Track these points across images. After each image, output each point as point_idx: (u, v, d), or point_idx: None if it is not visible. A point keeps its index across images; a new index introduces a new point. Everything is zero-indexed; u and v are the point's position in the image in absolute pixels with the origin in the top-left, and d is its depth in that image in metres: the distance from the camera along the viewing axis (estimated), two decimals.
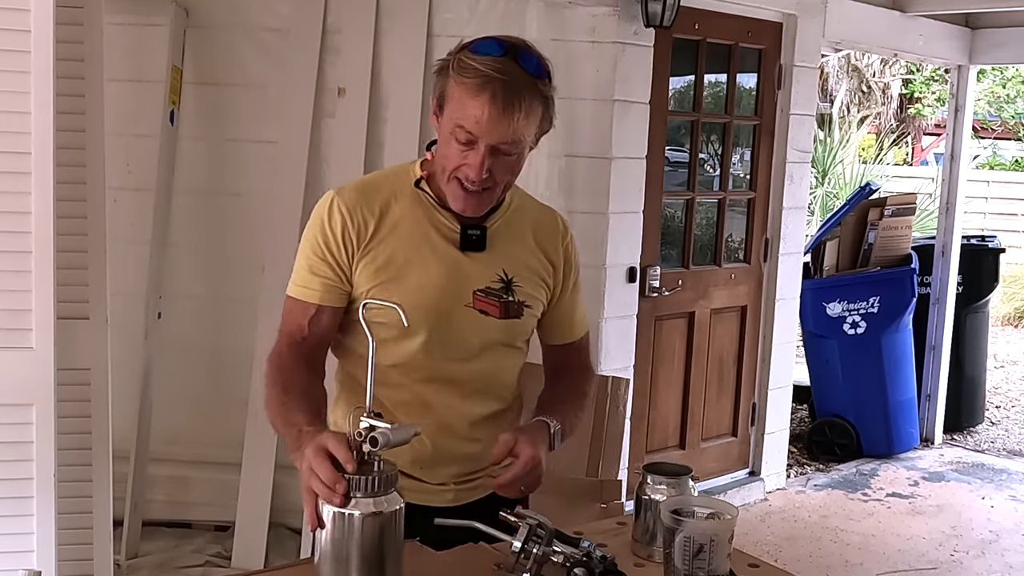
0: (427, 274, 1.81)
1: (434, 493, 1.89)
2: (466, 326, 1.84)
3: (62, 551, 2.88)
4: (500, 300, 1.86)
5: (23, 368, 2.78)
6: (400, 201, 1.84)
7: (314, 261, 1.82)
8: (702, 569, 1.51)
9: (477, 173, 1.74)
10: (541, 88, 1.76)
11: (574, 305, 2.02)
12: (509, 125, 1.71)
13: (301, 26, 4.10)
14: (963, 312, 6.27)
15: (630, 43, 4.12)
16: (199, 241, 4.23)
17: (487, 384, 1.92)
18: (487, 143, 1.72)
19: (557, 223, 1.99)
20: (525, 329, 1.93)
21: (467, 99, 1.70)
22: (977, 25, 6.00)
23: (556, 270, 1.95)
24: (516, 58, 1.73)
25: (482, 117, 1.69)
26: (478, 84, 1.69)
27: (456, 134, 1.73)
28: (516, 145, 1.75)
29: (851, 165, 12.37)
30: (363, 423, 1.51)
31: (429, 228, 1.84)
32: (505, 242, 1.88)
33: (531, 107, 1.73)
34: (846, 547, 4.56)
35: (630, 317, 4.36)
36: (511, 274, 1.87)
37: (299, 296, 1.84)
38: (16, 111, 2.72)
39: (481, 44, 1.73)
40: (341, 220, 1.81)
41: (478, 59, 1.70)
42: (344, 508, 1.48)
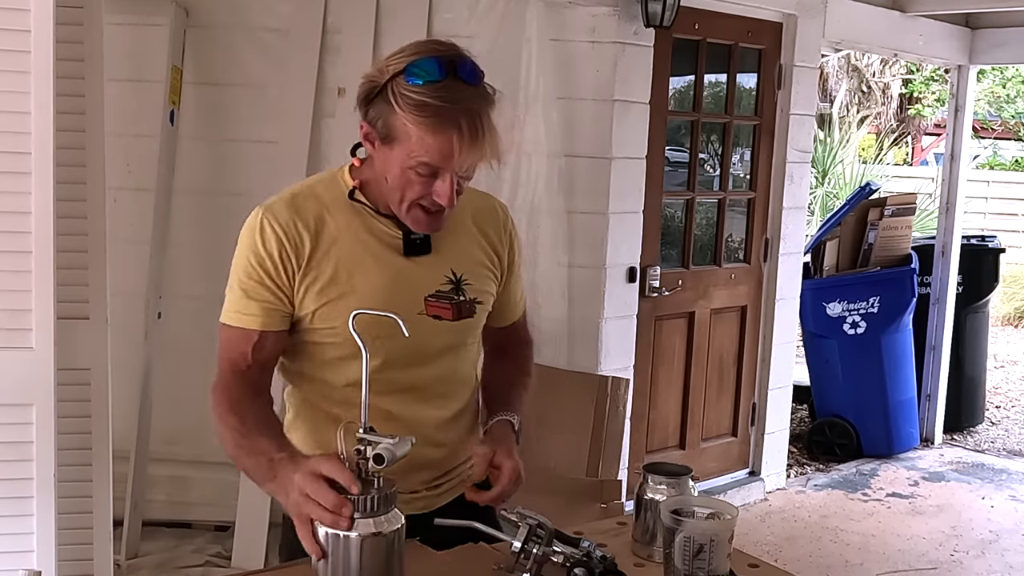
0: (373, 287, 1.74)
1: (405, 503, 1.77)
2: (421, 334, 1.76)
3: (62, 551, 2.88)
4: (452, 302, 1.81)
5: (23, 368, 2.78)
6: (334, 214, 1.76)
7: (250, 285, 1.75)
8: (702, 569, 1.51)
9: (450, 201, 1.67)
10: (487, 96, 1.66)
11: (516, 288, 1.99)
12: (480, 151, 1.63)
13: (301, 26, 4.10)
14: (963, 312, 6.27)
15: (630, 43, 4.12)
16: (199, 241, 4.23)
17: (447, 386, 1.88)
18: (454, 171, 1.65)
19: (496, 209, 1.93)
20: (478, 325, 1.89)
21: (427, 136, 1.61)
22: (977, 25, 6.00)
23: (501, 258, 1.91)
24: (457, 75, 1.62)
25: (451, 152, 1.62)
26: (438, 122, 1.60)
27: (418, 169, 1.65)
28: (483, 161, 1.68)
29: (851, 165, 12.37)
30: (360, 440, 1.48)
31: (369, 238, 1.76)
32: (449, 239, 1.81)
33: (490, 122, 1.64)
34: (846, 547, 4.56)
35: (630, 317, 4.36)
36: (459, 272, 1.82)
37: (238, 323, 1.76)
38: (16, 111, 2.72)
39: (416, 69, 1.62)
40: (276, 239, 1.72)
41: (423, 91, 1.60)
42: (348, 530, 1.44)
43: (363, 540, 1.44)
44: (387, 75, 1.64)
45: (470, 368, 1.94)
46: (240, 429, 1.70)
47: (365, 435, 1.48)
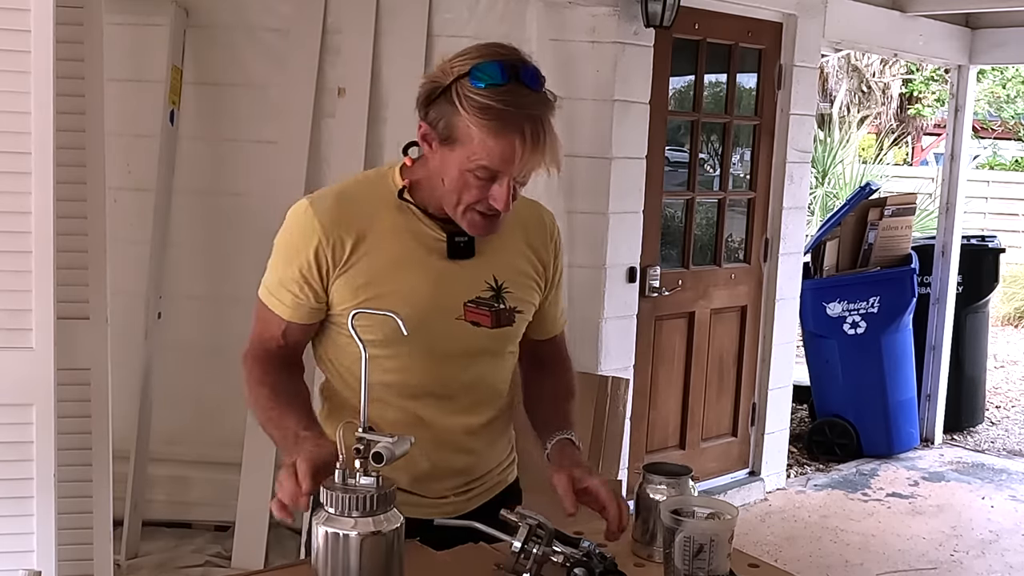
0: (413, 289, 1.73)
1: (433, 507, 1.83)
2: (456, 339, 1.77)
3: (62, 551, 2.88)
4: (491, 309, 1.79)
5: (23, 368, 2.78)
6: (380, 212, 1.76)
7: (285, 275, 1.76)
8: (702, 569, 1.50)
9: (506, 205, 1.67)
10: (549, 101, 1.67)
11: (557, 300, 1.96)
12: (542, 156, 1.64)
13: (301, 26, 4.10)
14: (963, 312, 6.27)
15: (630, 43, 4.12)
16: (199, 241, 4.23)
17: (480, 394, 1.86)
18: (513, 175, 1.66)
19: (544, 218, 1.92)
20: (517, 334, 1.87)
21: (490, 140, 1.62)
22: (977, 25, 6.00)
23: (546, 267, 1.89)
24: (520, 80, 1.63)
25: (513, 157, 1.62)
26: (501, 125, 1.61)
27: (477, 172, 1.65)
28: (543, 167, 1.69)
29: (851, 165, 12.37)
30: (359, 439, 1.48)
31: (413, 239, 1.75)
32: (491, 245, 1.79)
33: (551, 128, 1.66)
34: (846, 547, 4.56)
35: (630, 317, 4.36)
36: (501, 279, 1.80)
37: (270, 306, 1.79)
38: (16, 111, 2.72)
39: (480, 72, 1.62)
40: (316, 238, 1.72)
41: (487, 94, 1.61)
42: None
43: (362, 539, 1.44)
44: (451, 76, 1.64)
45: (505, 376, 1.91)
46: (271, 400, 1.73)
47: (364, 434, 1.48)
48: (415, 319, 1.68)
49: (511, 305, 1.82)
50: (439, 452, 1.82)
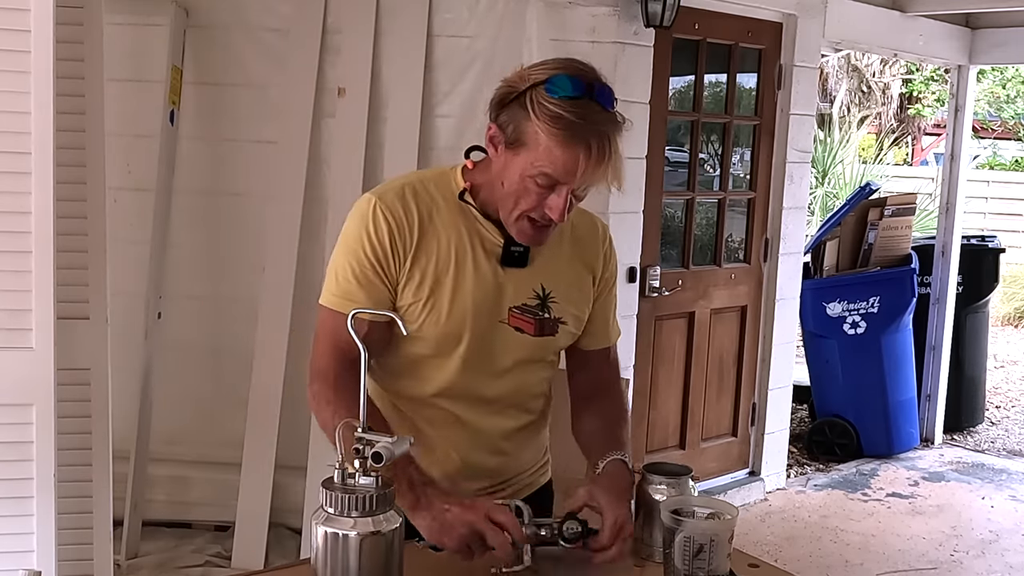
0: (466, 290, 1.76)
1: None
2: (500, 343, 1.80)
3: (62, 551, 2.88)
4: (535, 317, 1.81)
5: (23, 368, 2.78)
6: (441, 211, 1.78)
7: (360, 272, 1.74)
8: (702, 569, 1.51)
9: (561, 216, 1.69)
10: (618, 122, 1.68)
11: (609, 308, 1.97)
12: (604, 172, 1.66)
13: (301, 26, 4.10)
14: (963, 312, 6.27)
15: (630, 43, 4.12)
16: (199, 241, 4.23)
17: (517, 399, 1.89)
18: (572, 187, 1.67)
19: (597, 227, 1.94)
20: (559, 345, 1.89)
21: (556, 148, 1.63)
22: (977, 25, 6.00)
23: (596, 277, 1.91)
24: (594, 97, 1.65)
25: (575, 168, 1.64)
26: (570, 136, 1.63)
27: (538, 179, 1.66)
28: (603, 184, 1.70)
29: (851, 165, 12.37)
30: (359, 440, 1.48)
31: (471, 242, 1.78)
32: (544, 254, 1.82)
33: (617, 147, 1.67)
34: (846, 547, 4.56)
35: (630, 317, 4.35)
36: (548, 289, 1.83)
37: (346, 310, 1.67)
38: (16, 111, 2.72)
39: (557, 82, 1.64)
40: (388, 227, 1.73)
41: (561, 104, 1.63)
42: None
43: (362, 539, 1.44)
44: (527, 83, 1.67)
45: (544, 384, 1.93)
46: (332, 417, 1.68)
47: (363, 434, 1.48)
48: (465, 321, 1.74)
49: (556, 315, 1.84)
50: (472, 452, 1.85)
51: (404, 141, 3.97)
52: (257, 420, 3.93)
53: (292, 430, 3.90)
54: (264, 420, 3.93)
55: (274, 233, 4.04)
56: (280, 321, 3.97)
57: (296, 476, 3.93)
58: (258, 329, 4.01)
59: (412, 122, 3.97)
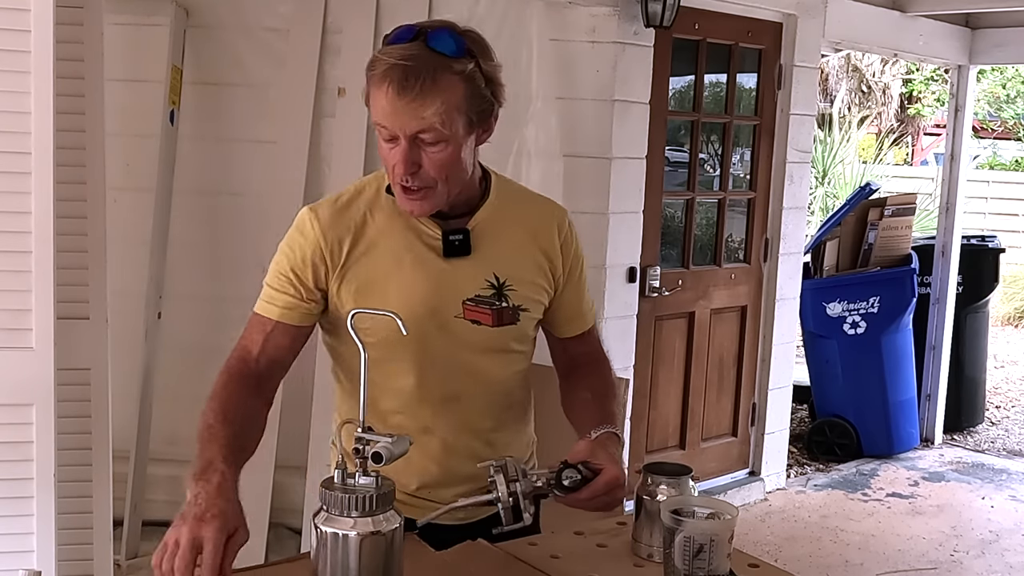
0: (410, 288, 1.73)
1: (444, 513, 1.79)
2: (458, 339, 1.75)
3: (62, 551, 2.88)
4: (492, 307, 1.76)
5: (23, 368, 2.78)
6: (376, 214, 1.75)
7: (280, 280, 1.76)
8: (702, 569, 1.50)
9: (403, 167, 1.64)
10: (455, 66, 1.62)
11: (581, 295, 1.92)
12: (413, 111, 1.60)
13: (301, 26, 4.10)
14: (963, 312, 6.27)
15: (630, 43, 4.12)
16: (199, 241, 4.23)
17: (489, 396, 1.83)
18: (405, 134, 1.62)
19: (552, 212, 1.88)
20: (524, 333, 1.83)
21: (374, 92, 1.62)
22: (977, 25, 6.00)
23: (555, 263, 1.84)
24: (425, 40, 1.62)
25: (387, 107, 1.61)
26: (380, 75, 1.60)
27: (381, 133, 1.66)
28: (436, 133, 1.62)
29: (851, 165, 12.37)
30: (359, 439, 1.47)
31: (409, 239, 1.74)
32: (493, 242, 1.78)
33: (437, 88, 1.59)
34: (846, 547, 4.56)
35: (630, 317, 4.36)
36: (503, 277, 1.77)
37: (259, 311, 1.78)
38: (16, 111, 2.72)
39: (395, 34, 1.65)
40: (314, 240, 1.73)
41: (386, 50, 1.62)
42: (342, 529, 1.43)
43: (362, 539, 1.43)
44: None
45: (515, 377, 1.87)
46: (213, 418, 1.65)
47: (363, 434, 1.48)
48: (413, 319, 1.66)
49: (515, 303, 1.79)
50: (448, 458, 1.80)
51: None
52: None
53: (292, 430, 3.89)
54: None
55: (274, 233, 3.99)
56: None
57: (296, 476, 3.93)
58: None
59: None
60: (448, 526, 1.79)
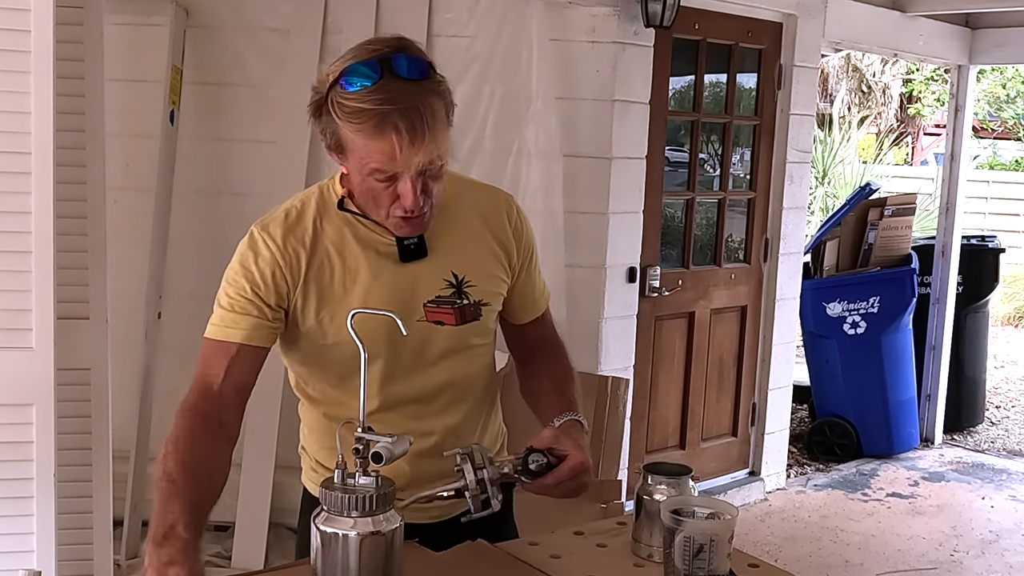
0: (370, 297, 1.70)
1: (419, 511, 1.75)
2: (421, 342, 1.74)
3: (62, 551, 2.88)
4: (454, 306, 1.75)
5: (23, 368, 2.79)
6: (327, 226, 1.72)
7: (237, 300, 1.70)
8: (702, 569, 1.50)
9: (413, 203, 1.61)
10: (431, 88, 1.59)
11: (534, 280, 1.90)
12: (423, 147, 1.57)
13: (301, 26, 4.10)
14: (963, 312, 6.27)
15: (630, 43, 4.12)
16: (199, 241, 4.22)
17: (455, 393, 1.82)
18: (412, 172, 1.59)
19: (500, 201, 1.85)
20: (485, 327, 1.81)
21: (369, 143, 1.57)
22: (977, 25, 6.00)
23: (510, 251, 1.82)
24: (393, 71, 1.56)
25: (395, 154, 1.56)
26: (374, 126, 1.55)
27: (374, 176, 1.60)
28: (439, 160, 1.62)
29: (851, 165, 12.37)
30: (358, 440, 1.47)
31: (363, 248, 1.72)
32: (448, 240, 1.75)
33: (436, 120, 1.58)
34: (846, 547, 4.56)
35: (630, 317, 4.36)
36: (461, 273, 1.75)
37: (220, 336, 1.70)
38: (16, 111, 2.72)
39: (351, 75, 1.56)
40: (271, 257, 1.69)
41: (357, 96, 1.55)
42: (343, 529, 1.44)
43: (361, 539, 1.43)
44: (327, 85, 1.60)
45: (479, 370, 1.86)
46: (176, 470, 1.63)
47: (363, 434, 1.48)
48: (377, 326, 1.65)
49: (476, 299, 1.78)
50: (418, 459, 1.76)
51: None
52: (257, 420, 3.92)
53: (292, 430, 3.88)
54: (264, 420, 3.92)
55: None
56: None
57: (296, 476, 3.91)
58: None
59: None
60: (448, 527, 1.79)
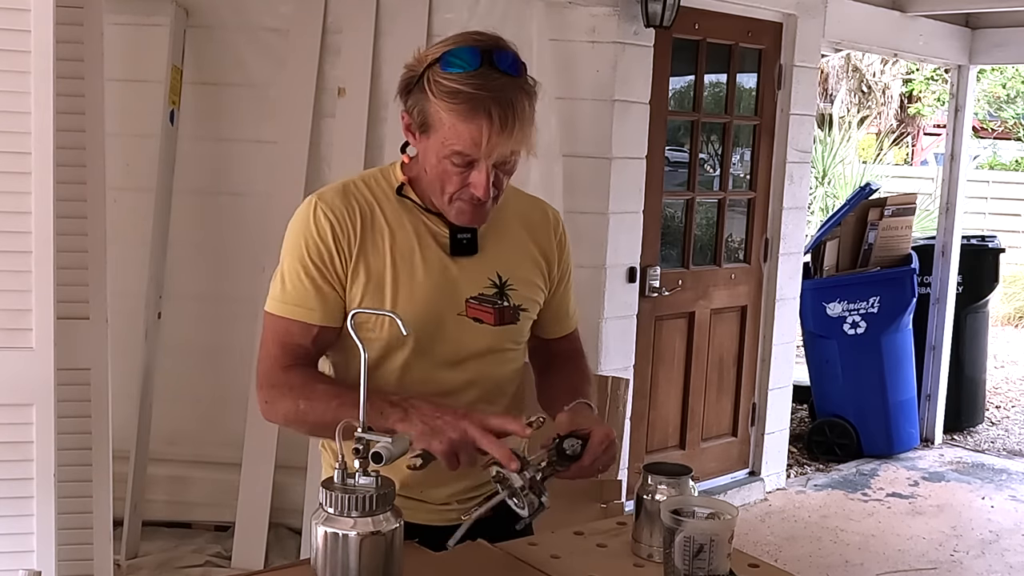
0: (417, 284, 1.72)
1: (436, 512, 1.81)
2: (459, 336, 1.76)
3: (62, 551, 2.88)
4: (495, 306, 1.78)
5: (23, 368, 2.78)
6: (383, 208, 1.75)
7: (307, 276, 1.71)
8: (702, 569, 1.50)
9: (485, 192, 1.65)
10: (525, 87, 1.64)
11: (568, 298, 1.95)
12: (510, 140, 1.62)
13: (301, 26, 4.10)
14: (963, 312, 6.27)
15: (630, 43, 4.12)
16: (199, 241, 4.23)
17: (485, 393, 1.82)
18: (490, 161, 1.64)
19: (548, 215, 1.91)
20: (521, 332, 1.85)
21: (459, 124, 1.61)
22: (977, 25, 6.00)
23: (551, 265, 1.88)
24: (493, 64, 1.61)
25: (482, 140, 1.60)
26: (469, 108, 1.59)
27: (452, 159, 1.64)
28: (517, 152, 1.67)
29: (851, 165, 12.37)
30: (358, 439, 1.46)
31: (417, 235, 1.74)
32: (496, 242, 1.79)
33: (525, 116, 1.63)
34: (846, 547, 4.56)
35: (630, 317, 4.36)
36: (505, 276, 1.79)
37: (296, 316, 1.71)
38: (16, 111, 2.72)
39: (452, 58, 1.61)
40: (330, 226, 1.70)
41: (457, 78, 1.60)
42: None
43: (362, 539, 1.43)
44: (424, 64, 1.64)
45: (511, 375, 1.88)
46: (327, 393, 1.68)
47: (363, 434, 1.48)
48: (419, 314, 1.69)
49: (516, 303, 1.81)
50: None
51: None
52: (257, 420, 3.90)
53: (292, 430, 3.89)
54: (264, 420, 3.92)
55: (275, 233, 4.00)
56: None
57: (296, 476, 3.93)
58: (258, 329, 4.00)
59: None
60: (448, 526, 1.78)
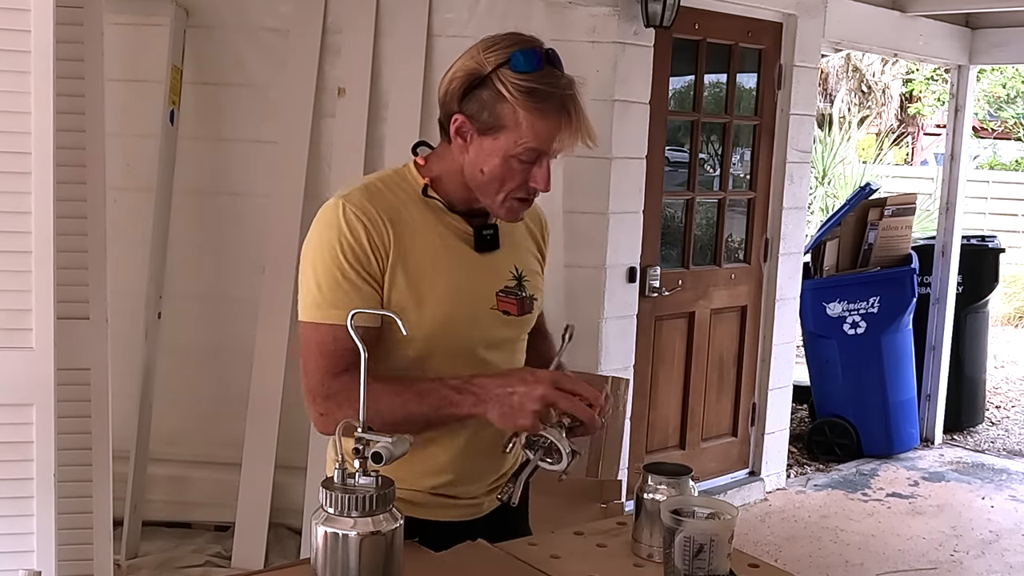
0: (454, 282, 1.75)
1: (466, 507, 1.83)
2: (490, 329, 1.81)
3: (62, 551, 2.88)
4: (517, 297, 1.84)
5: (23, 368, 2.78)
6: (408, 207, 1.75)
7: (346, 279, 1.67)
8: (702, 569, 1.50)
9: (547, 184, 1.73)
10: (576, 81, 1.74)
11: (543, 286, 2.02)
12: (579, 133, 1.70)
13: (301, 26, 4.10)
14: (963, 312, 6.27)
15: (630, 43, 4.12)
16: (199, 241, 4.23)
17: None
18: (553, 156, 1.72)
19: (538, 211, 1.97)
20: (532, 321, 1.91)
21: (539, 121, 1.67)
22: (977, 25, 6.01)
23: (543, 255, 1.97)
24: (551, 62, 1.71)
25: (557, 134, 1.68)
26: (549, 106, 1.67)
27: (522, 156, 1.69)
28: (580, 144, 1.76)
29: (851, 165, 12.37)
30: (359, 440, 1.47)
31: (444, 234, 1.76)
32: (509, 236, 1.85)
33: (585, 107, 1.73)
34: (846, 547, 4.56)
35: (630, 317, 4.36)
36: (520, 268, 1.86)
37: (341, 321, 1.59)
38: (16, 111, 2.72)
39: (518, 59, 1.67)
40: (363, 227, 1.68)
41: (532, 78, 1.66)
42: None
43: (362, 539, 1.44)
44: (489, 66, 1.68)
45: (519, 363, 1.92)
46: (391, 391, 1.66)
47: (363, 434, 1.48)
48: (457, 313, 1.74)
49: (530, 293, 1.87)
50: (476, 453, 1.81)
51: (404, 141, 3.94)
52: (257, 420, 3.93)
53: (292, 430, 3.89)
54: (264, 420, 3.93)
55: (274, 233, 4.04)
56: (280, 321, 3.97)
57: (296, 476, 3.93)
58: (258, 329, 4.00)
59: (412, 122, 3.97)
60: (448, 526, 1.80)
